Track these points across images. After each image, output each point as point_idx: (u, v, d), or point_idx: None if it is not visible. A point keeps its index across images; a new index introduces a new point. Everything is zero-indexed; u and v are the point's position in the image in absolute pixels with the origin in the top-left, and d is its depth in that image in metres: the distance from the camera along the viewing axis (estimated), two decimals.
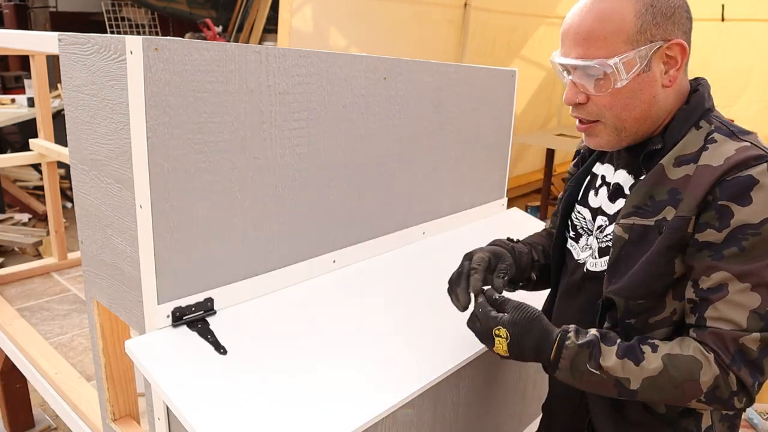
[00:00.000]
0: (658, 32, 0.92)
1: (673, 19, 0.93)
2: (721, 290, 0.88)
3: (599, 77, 0.94)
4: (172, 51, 0.98)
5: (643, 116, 0.97)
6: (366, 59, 1.34)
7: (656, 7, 0.92)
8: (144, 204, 1.02)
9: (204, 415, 0.94)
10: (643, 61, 0.92)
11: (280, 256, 1.25)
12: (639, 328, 0.98)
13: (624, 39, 0.92)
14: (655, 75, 0.95)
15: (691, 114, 0.97)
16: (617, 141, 1.00)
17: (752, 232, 0.86)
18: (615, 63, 0.92)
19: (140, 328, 1.13)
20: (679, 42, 0.93)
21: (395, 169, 1.50)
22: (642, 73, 0.93)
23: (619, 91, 0.94)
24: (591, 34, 0.93)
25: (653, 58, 0.93)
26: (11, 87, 6.46)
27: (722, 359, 0.88)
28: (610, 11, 0.93)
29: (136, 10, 7.58)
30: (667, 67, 0.95)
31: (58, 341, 2.07)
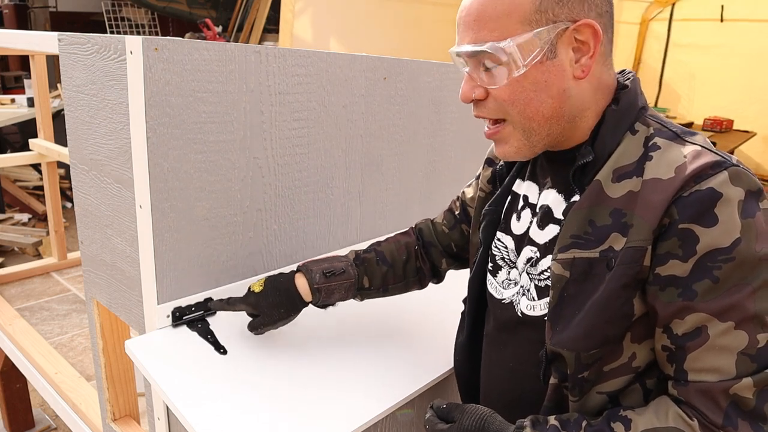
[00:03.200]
0: (562, 11, 0.76)
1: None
2: (700, 335, 0.72)
3: (494, 65, 0.79)
4: (172, 51, 0.98)
5: (553, 114, 0.80)
6: (366, 59, 1.34)
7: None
8: (144, 204, 1.02)
9: (204, 415, 0.93)
10: (545, 46, 0.77)
11: (280, 256, 1.25)
12: (593, 380, 0.81)
13: (519, 18, 0.76)
14: (563, 63, 0.78)
15: (624, 116, 0.81)
16: (529, 147, 0.84)
17: (723, 257, 0.70)
18: (507, 45, 0.76)
19: (140, 328, 1.13)
20: (588, 23, 0.76)
21: (395, 169, 1.50)
22: (546, 60, 0.77)
23: (520, 82, 0.78)
24: (481, 15, 0.78)
25: (559, 43, 0.77)
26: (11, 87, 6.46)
27: (712, 421, 0.71)
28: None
29: (136, 10, 7.58)
30: (578, 55, 0.78)
31: (58, 341, 2.07)
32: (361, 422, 0.98)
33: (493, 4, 0.77)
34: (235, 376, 1.02)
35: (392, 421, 1.07)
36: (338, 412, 0.99)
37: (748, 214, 0.70)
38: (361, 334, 1.22)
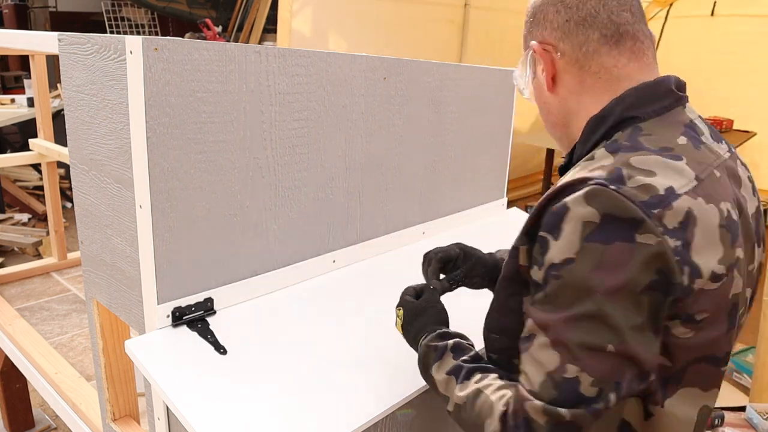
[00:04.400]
0: (529, 36, 0.90)
1: (535, 20, 0.88)
2: (529, 340, 0.73)
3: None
4: (172, 51, 0.98)
5: (553, 123, 0.92)
6: (366, 59, 1.34)
7: (528, 12, 0.90)
8: (144, 204, 1.02)
9: (204, 415, 0.93)
10: (529, 69, 0.91)
11: (280, 256, 1.25)
12: (504, 366, 0.84)
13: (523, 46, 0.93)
14: (540, 80, 0.90)
15: (600, 123, 0.81)
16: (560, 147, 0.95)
17: (554, 273, 0.70)
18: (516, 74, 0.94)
19: (140, 328, 1.13)
20: (532, 46, 0.88)
21: (395, 169, 1.50)
22: (533, 79, 0.91)
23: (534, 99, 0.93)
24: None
25: (536, 63, 0.89)
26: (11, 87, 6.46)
27: (508, 419, 0.73)
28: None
29: (136, 10, 7.58)
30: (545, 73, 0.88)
31: (58, 341, 2.07)
32: (361, 422, 0.98)
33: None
34: (235, 376, 1.02)
35: (392, 421, 1.07)
36: (338, 412, 0.99)
37: (596, 238, 0.67)
38: (360, 335, 1.22)
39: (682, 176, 0.71)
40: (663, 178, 0.69)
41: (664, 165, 0.71)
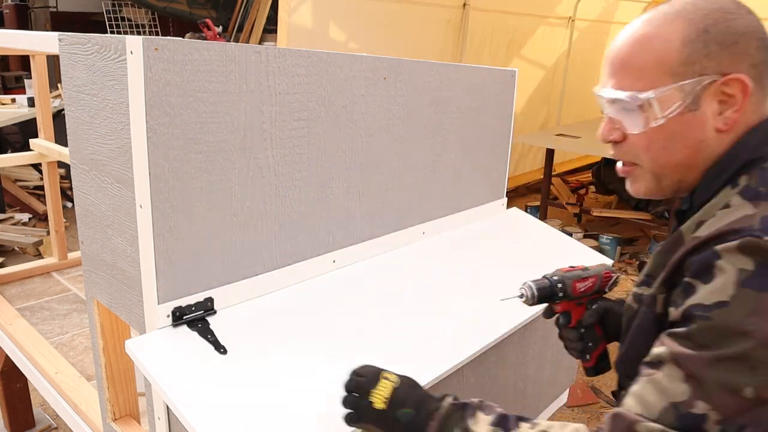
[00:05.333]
0: (710, 64, 0.76)
1: (733, 50, 0.75)
2: (655, 367, 0.71)
3: (633, 113, 0.80)
4: (173, 51, 0.98)
5: (685, 163, 0.81)
6: (366, 59, 1.34)
7: (711, 33, 0.75)
8: (144, 204, 1.02)
9: (204, 414, 0.94)
10: (688, 98, 0.77)
11: (280, 256, 1.25)
12: None
13: (665, 70, 0.77)
14: (705, 116, 0.78)
15: (725, 167, 0.78)
16: (658, 189, 0.85)
17: (701, 314, 0.69)
18: (648, 97, 0.78)
19: (140, 328, 1.13)
20: (738, 78, 0.75)
21: (395, 169, 1.50)
22: (686, 112, 0.77)
23: (656, 131, 0.79)
24: (627, 63, 0.80)
25: (704, 94, 0.77)
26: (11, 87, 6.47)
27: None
28: (653, 36, 0.78)
29: (136, 10, 7.58)
30: (723, 108, 0.77)
31: (58, 341, 2.07)
32: None
33: (641, 53, 0.79)
34: (235, 376, 1.02)
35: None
36: (338, 412, 0.99)
37: (752, 285, 0.66)
38: (360, 334, 1.22)
39: None
40: None
41: None
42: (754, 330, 0.65)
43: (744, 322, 0.65)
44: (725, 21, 0.76)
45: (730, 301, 0.67)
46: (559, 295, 1.02)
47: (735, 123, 0.77)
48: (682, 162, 0.81)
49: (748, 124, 0.79)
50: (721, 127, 0.78)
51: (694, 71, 0.76)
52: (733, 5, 0.77)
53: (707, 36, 0.76)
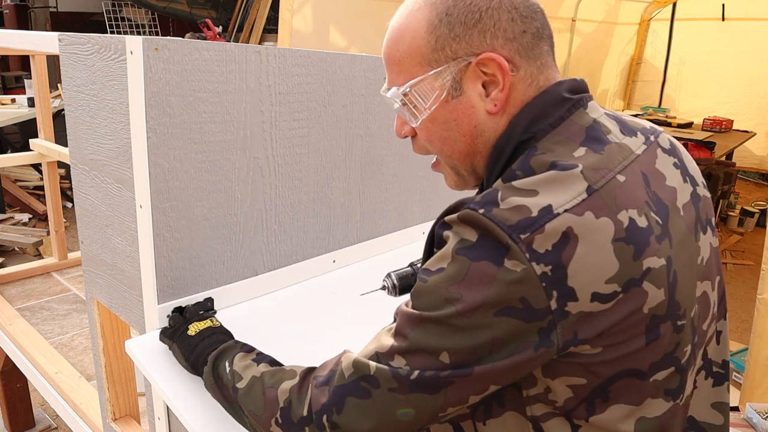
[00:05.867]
0: (460, 47, 0.72)
1: (480, 27, 0.71)
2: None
3: (405, 107, 0.78)
4: (172, 51, 0.98)
5: (469, 150, 0.77)
6: (366, 59, 1.34)
7: (453, 15, 0.72)
8: (144, 204, 1.02)
9: (204, 415, 0.94)
10: (447, 84, 0.74)
11: (280, 256, 1.25)
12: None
13: (419, 60, 0.74)
14: (471, 99, 0.74)
15: (501, 151, 0.75)
16: (463, 181, 0.83)
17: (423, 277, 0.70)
18: (405, 90, 0.76)
19: (140, 328, 1.13)
20: (490, 57, 0.71)
21: (395, 169, 1.50)
22: (451, 99, 0.74)
23: (432, 122, 0.77)
24: (389, 58, 0.78)
25: (464, 79, 0.73)
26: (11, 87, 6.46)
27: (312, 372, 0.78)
28: (404, 28, 0.76)
29: (136, 10, 7.58)
30: (489, 90, 0.73)
31: (58, 341, 2.07)
32: None
33: (396, 47, 0.77)
34: None
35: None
36: None
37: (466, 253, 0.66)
38: (360, 334, 1.22)
39: (569, 190, 0.65)
40: (542, 197, 0.65)
41: (552, 180, 0.66)
42: (456, 298, 0.65)
43: (450, 289, 0.65)
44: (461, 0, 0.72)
45: (446, 268, 0.67)
46: None
47: (505, 102, 0.73)
48: (465, 150, 0.77)
49: (523, 100, 0.74)
50: (491, 109, 0.74)
51: (447, 56, 0.73)
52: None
53: (450, 18, 0.72)
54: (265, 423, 0.78)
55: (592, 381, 0.68)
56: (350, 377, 0.72)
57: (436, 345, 0.66)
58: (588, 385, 0.68)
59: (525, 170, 0.69)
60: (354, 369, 0.72)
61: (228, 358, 0.88)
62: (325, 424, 0.72)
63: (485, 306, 0.63)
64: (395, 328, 0.71)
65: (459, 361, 0.66)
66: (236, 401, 0.83)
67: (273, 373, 0.82)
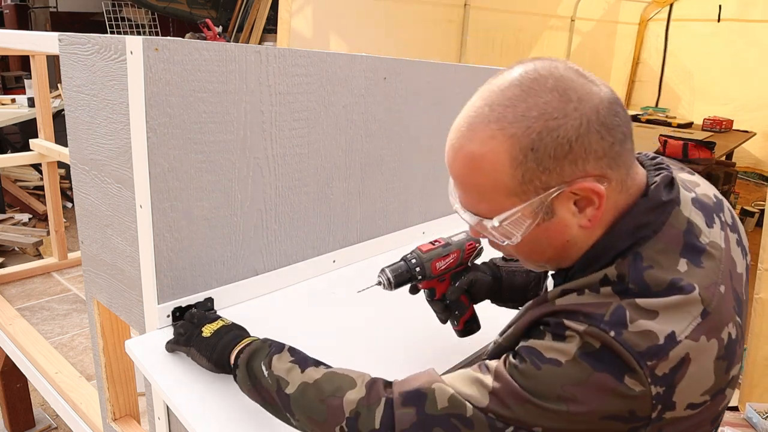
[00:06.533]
0: (551, 178, 0.69)
1: (571, 157, 0.68)
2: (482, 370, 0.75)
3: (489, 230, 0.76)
4: (172, 51, 0.98)
5: (558, 257, 0.77)
6: (366, 59, 1.34)
7: (539, 150, 0.67)
8: (144, 204, 1.02)
9: (204, 415, 0.94)
10: (539, 212, 0.71)
11: (280, 256, 1.25)
12: None
13: (505, 193, 0.71)
14: (565, 219, 0.72)
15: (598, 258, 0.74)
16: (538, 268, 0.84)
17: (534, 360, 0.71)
18: (494, 226, 0.73)
19: (140, 328, 1.13)
20: (584, 187, 0.68)
21: (395, 169, 1.50)
22: (543, 222, 0.72)
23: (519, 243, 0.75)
24: (465, 185, 0.75)
25: (556, 202, 0.71)
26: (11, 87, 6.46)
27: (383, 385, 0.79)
28: (479, 158, 0.70)
29: (136, 10, 7.58)
30: (582, 205, 0.71)
31: (58, 341, 2.07)
32: None
33: (474, 178, 0.72)
34: None
35: None
36: None
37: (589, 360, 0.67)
38: (360, 334, 1.22)
39: (687, 316, 0.67)
40: (663, 321, 0.66)
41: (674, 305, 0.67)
42: (570, 399, 0.67)
43: (566, 388, 0.67)
44: (551, 131, 0.67)
45: (564, 363, 0.68)
46: (418, 276, 1.04)
47: (598, 218, 0.72)
48: (555, 257, 0.77)
49: (615, 207, 0.73)
50: (585, 224, 0.72)
51: (537, 188, 0.70)
52: (556, 103, 0.67)
53: (537, 154, 0.68)
54: (329, 428, 0.80)
55: None
56: (443, 410, 0.73)
57: (533, 422, 0.68)
58: None
59: (639, 285, 0.69)
60: (449, 404, 0.73)
61: (261, 359, 0.88)
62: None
63: (595, 412, 0.66)
64: (493, 388, 0.71)
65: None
66: (284, 406, 0.84)
67: (329, 379, 0.82)
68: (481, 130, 0.70)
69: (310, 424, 0.82)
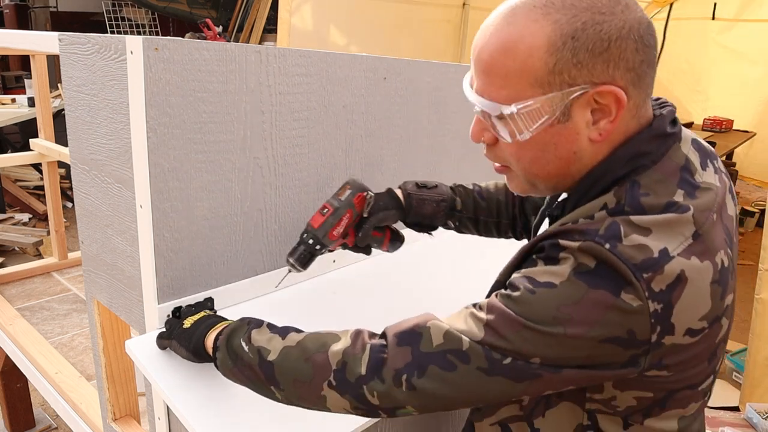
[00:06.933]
0: (580, 74, 0.68)
1: (606, 56, 0.67)
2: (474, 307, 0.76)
3: (500, 121, 0.73)
4: (173, 51, 0.98)
5: (559, 173, 0.76)
6: (366, 59, 1.34)
7: (580, 40, 0.67)
8: (144, 204, 1.02)
9: (204, 415, 0.94)
10: (557, 110, 0.70)
11: (280, 256, 1.25)
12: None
13: (530, 80, 0.69)
14: (578, 126, 0.71)
15: (598, 180, 0.74)
16: (533, 191, 0.82)
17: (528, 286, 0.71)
18: (512, 112, 0.71)
19: (140, 328, 1.13)
20: (610, 90, 0.68)
21: (395, 169, 1.50)
22: (556, 124, 0.71)
23: (527, 142, 0.73)
24: (491, 67, 0.72)
25: (574, 105, 0.70)
26: (12, 87, 6.46)
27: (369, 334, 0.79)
28: (516, 40, 0.69)
29: (136, 10, 7.58)
30: (597, 117, 0.71)
31: (58, 341, 2.07)
32: (362, 422, 0.99)
33: (503, 60, 0.70)
34: None
35: (392, 421, 1.07)
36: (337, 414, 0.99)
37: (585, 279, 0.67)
38: None
39: (678, 235, 0.67)
40: (656, 237, 0.66)
41: (666, 223, 0.68)
42: (567, 319, 0.66)
43: (562, 309, 0.67)
44: (596, 24, 0.67)
45: (558, 285, 0.67)
46: (321, 250, 1.06)
47: (610, 133, 0.72)
48: (555, 172, 0.76)
49: (626, 131, 0.73)
50: (595, 137, 0.72)
51: (563, 81, 0.68)
52: (606, 1, 0.68)
53: (576, 43, 0.67)
54: (316, 387, 0.78)
55: (657, 395, 0.73)
56: (438, 347, 0.72)
57: (532, 351, 0.68)
58: (652, 398, 0.73)
59: (634, 207, 0.69)
60: (444, 340, 0.72)
61: (240, 336, 0.86)
62: (402, 382, 0.73)
63: (594, 332, 0.66)
64: (488, 320, 0.71)
65: (550, 364, 0.69)
66: (267, 377, 0.81)
67: (313, 338, 0.81)
68: (523, 14, 0.69)
69: (295, 388, 0.79)
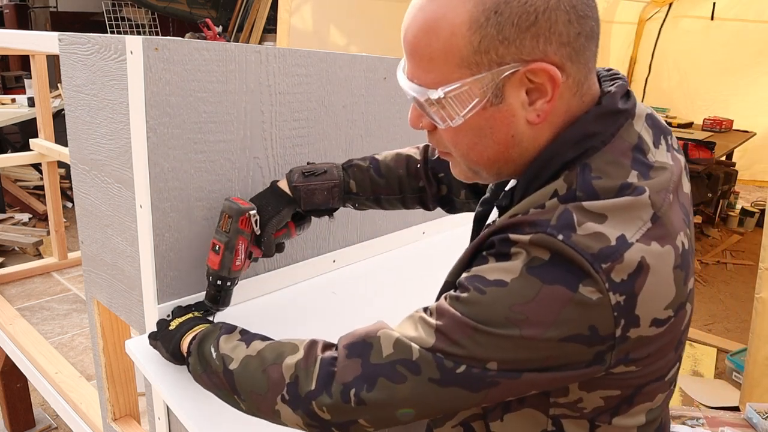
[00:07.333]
0: (508, 52, 0.63)
1: (534, 30, 0.62)
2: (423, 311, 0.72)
3: (431, 107, 0.69)
4: (172, 51, 0.98)
5: (499, 158, 0.71)
6: (366, 59, 1.34)
7: (504, 14, 0.62)
8: (144, 204, 1.02)
9: (204, 414, 0.94)
10: (488, 91, 0.65)
11: (280, 256, 1.25)
12: None
13: (455, 61, 0.65)
14: (513, 108, 0.66)
15: (544, 167, 0.69)
16: (478, 177, 0.76)
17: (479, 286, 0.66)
18: (439, 97, 0.66)
19: (140, 328, 1.13)
20: (542, 67, 0.63)
21: None
22: (489, 107, 0.66)
23: (461, 127, 0.68)
24: (416, 49, 0.68)
25: (507, 85, 0.65)
26: (11, 87, 6.46)
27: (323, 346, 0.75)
28: (438, 18, 0.64)
29: (136, 10, 7.58)
30: (533, 97, 0.66)
31: (58, 341, 2.07)
32: None
33: (427, 41, 0.66)
34: None
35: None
36: None
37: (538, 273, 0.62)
38: None
39: (636, 219, 0.63)
40: (612, 224, 0.62)
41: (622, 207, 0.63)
42: (521, 319, 0.61)
43: (514, 308, 0.62)
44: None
45: (510, 282, 0.63)
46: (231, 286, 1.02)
47: (549, 113, 0.67)
48: (495, 158, 0.71)
49: (567, 110, 0.68)
50: (533, 119, 0.67)
51: (491, 61, 0.64)
52: None
53: (500, 18, 0.62)
54: (270, 401, 0.75)
55: (625, 392, 0.69)
56: (387, 357, 0.68)
57: (487, 356, 0.63)
58: (620, 395, 0.69)
59: (587, 192, 0.65)
60: (394, 350, 0.68)
61: (211, 342, 0.84)
62: (351, 398, 0.69)
63: (552, 332, 0.61)
64: (437, 325, 0.66)
65: (508, 369, 0.64)
66: (229, 385, 0.79)
67: (272, 348, 0.78)
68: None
69: (253, 400, 0.77)
